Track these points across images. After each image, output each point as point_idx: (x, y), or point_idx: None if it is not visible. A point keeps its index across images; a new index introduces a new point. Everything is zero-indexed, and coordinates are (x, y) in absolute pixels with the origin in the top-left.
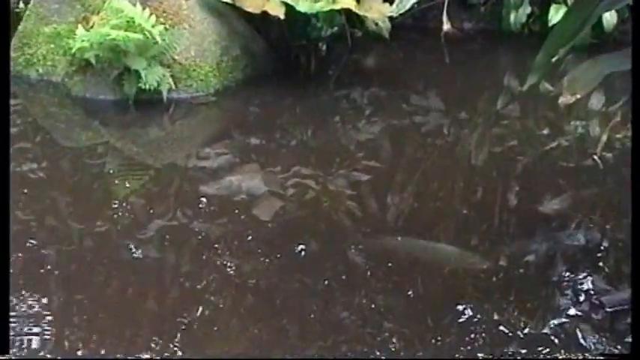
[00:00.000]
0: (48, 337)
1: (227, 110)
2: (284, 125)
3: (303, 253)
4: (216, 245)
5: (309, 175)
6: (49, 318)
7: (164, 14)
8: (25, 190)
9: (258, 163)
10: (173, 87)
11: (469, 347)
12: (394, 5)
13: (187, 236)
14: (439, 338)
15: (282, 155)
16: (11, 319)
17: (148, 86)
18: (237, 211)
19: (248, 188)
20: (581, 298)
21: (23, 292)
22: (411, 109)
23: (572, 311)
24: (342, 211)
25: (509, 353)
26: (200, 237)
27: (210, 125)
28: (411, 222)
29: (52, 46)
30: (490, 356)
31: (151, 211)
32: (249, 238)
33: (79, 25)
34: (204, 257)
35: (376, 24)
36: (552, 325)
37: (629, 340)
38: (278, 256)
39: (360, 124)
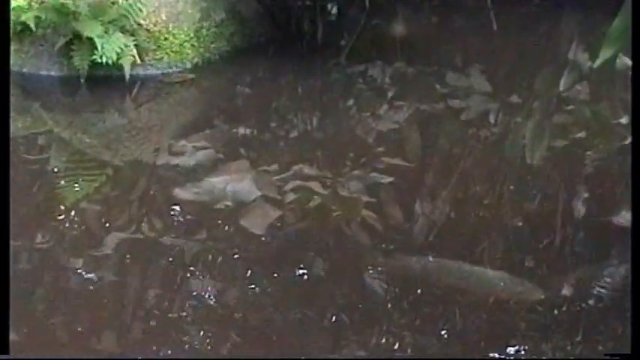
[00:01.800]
0: None
1: (208, 91)
2: (282, 111)
3: (305, 277)
4: (193, 267)
5: (315, 176)
6: None
7: None
8: None
9: (249, 159)
10: (138, 61)
11: None
12: None
13: (155, 255)
14: None
15: (279, 150)
16: None
17: (104, 59)
18: (220, 222)
19: (235, 193)
20: None
21: None
22: (446, 91)
23: None
24: (356, 223)
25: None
26: (172, 256)
27: (186, 110)
28: (446, 238)
29: None
30: (490, 356)
31: (108, 222)
32: (236, 257)
33: None
34: (176, 283)
35: None
36: None
37: None
38: (273, 281)
39: (380, 110)
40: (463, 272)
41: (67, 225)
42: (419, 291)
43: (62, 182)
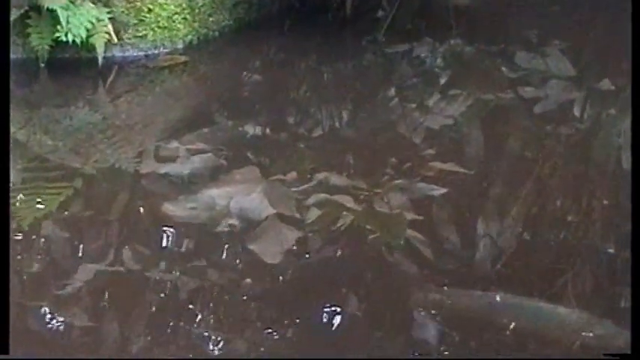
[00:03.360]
0: None
1: (206, 78)
2: (301, 103)
3: (335, 321)
4: (189, 309)
5: (344, 187)
6: None
7: None
8: None
9: (259, 166)
10: (114, 39)
11: None
12: None
13: (140, 293)
14: None
15: (298, 154)
16: None
17: (70, 38)
18: (223, 248)
19: (242, 210)
20: None
21: None
22: (516, 76)
23: None
24: (400, 248)
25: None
26: (161, 295)
27: (177, 103)
28: (518, 268)
29: None
30: (490, 356)
31: (78, 250)
32: (244, 295)
33: None
34: (167, 331)
35: None
36: None
37: None
38: (293, 326)
39: (430, 102)
40: (539, 313)
41: (24, 254)
42: (482, 337)
43: (18, 197)
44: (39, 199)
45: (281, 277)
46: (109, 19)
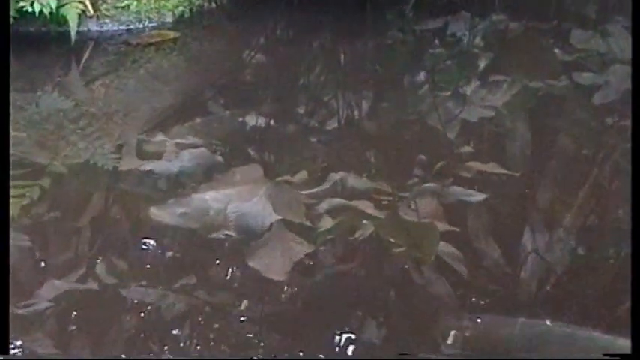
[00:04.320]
0: None
1: (199, 58)
2: (313, 89)
3: (349, 349)
4: (176, 333)
5: (364, 190)
6: None
7: None
8: None
9: (262, 164)
10: (90, 11)
11: None
12: None
13: (117, 314)
14: None
15: (309, 150)
16: None
17: (38, 8)
18: (218, 262)
19: (241, 216)
20: None
21: None
22: (571, 59)
23: None
24: (430, 264)
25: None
26: (143, 316)
27: (165, 88)
28: (568, 290)
29: None
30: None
31: (44, 263)
32: (243, 319)
33: None
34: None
35: None
36: None
37: None
38: (300, 356)
39: (467, 89)
40: (594, 345)
41: None
42: None
43: None
44: None
45: (286, 299)
46: None
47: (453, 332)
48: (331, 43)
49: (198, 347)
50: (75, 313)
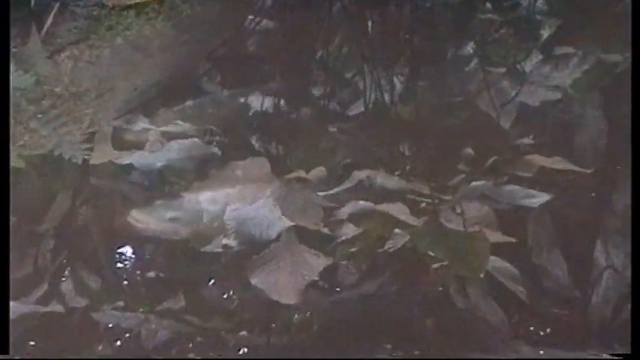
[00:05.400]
0: None
1: (191, 24)
2: (333, 64)
3: None
4: None
5: (396, 190)
6: None
7: None
8: None
9: (269, 158)
10: None
11: None
12: None
13: (86, 342)
14: None
15: (327, 140)
16: None
17: None
18: (214, 279)
19: (243, 222)
20: None
21: None
22: None
23: None
24: (476, 284)
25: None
26: (119, 345)
27: (148, 62)
28: None
29: None
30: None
31: None
32: (243, 351)
33: None
34: None
35: None
36: None
37: None
38: None
39: (526, 64)
40: None
41: None
42: None
43: None
44: None
45: (298, 328)
46: None
47: None
48: (356, 7)
49: None
50: (33, 342)
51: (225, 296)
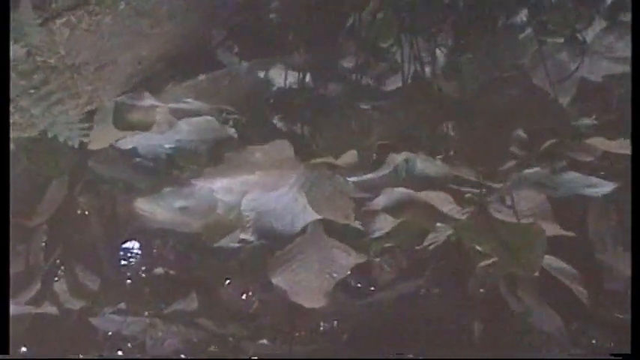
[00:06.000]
0: None
1: None
2: (366, 32)
3: None
4: None
5: (438, 177)
6: None
7: None
8: None
9: (293, 140)
10: None
11: None
12: None
13: (84, 351)
14: None
15: (359, 120)
16: None
17: None
18: (230, 278)
19: (262, 214)
20: None
21: None
22: None
23: None
24: (531, 284)
25: None
26: (122, 354)
27: (155, 30)
28: None
29: None
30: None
31: None
32: (263, 359)
33: None
34: None
35: None
36: None
37: None
38: None
39: (588, 33)
40: None
41: None
42: None
43: None
44: None
45: (325, 335)
46: None
47: None
48: None
49: None
50: (24, 349)
51: (243, 298)
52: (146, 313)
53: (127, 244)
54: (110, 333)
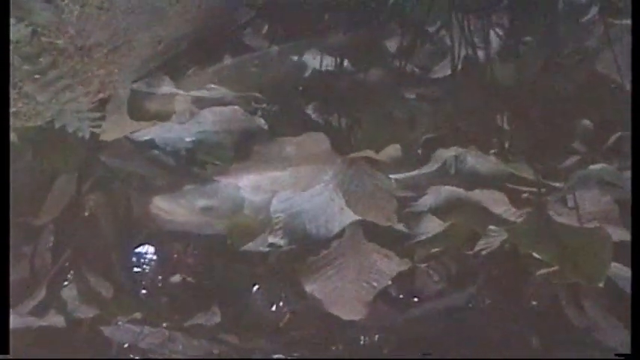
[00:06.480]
0: None
1: None
2: (411, 11)
3: None
4: None
5: (492, 175)
6: None
7: None
8: None
9: (329, 133)
10: None
11: None
12: None
13: None
14: None
15: (404, 110)
16: None
17: None
18: (257, 286)
19: (294, 215)
20: None
21: None
22: None
23: None
24: (596, 295)
25: None
26: None
27: (175, 8)
28: None
29: None
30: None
31: None
32: None
33: None
34: None
35: None
36: None
37: None
38: None
39: None
40: None
41: None
42: None
43: None
44: None
45: (365, 349)
46: None
47: None
48: None
49: None
50: None
51: (272, 309)
52: (164, 325)
53: (142, 248)
54: (125, 345)
